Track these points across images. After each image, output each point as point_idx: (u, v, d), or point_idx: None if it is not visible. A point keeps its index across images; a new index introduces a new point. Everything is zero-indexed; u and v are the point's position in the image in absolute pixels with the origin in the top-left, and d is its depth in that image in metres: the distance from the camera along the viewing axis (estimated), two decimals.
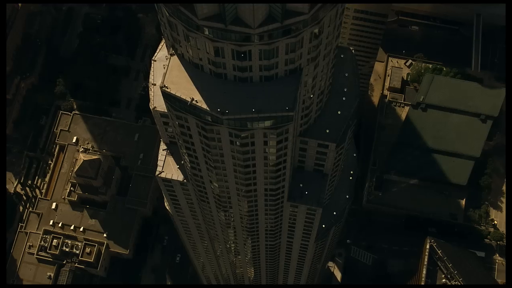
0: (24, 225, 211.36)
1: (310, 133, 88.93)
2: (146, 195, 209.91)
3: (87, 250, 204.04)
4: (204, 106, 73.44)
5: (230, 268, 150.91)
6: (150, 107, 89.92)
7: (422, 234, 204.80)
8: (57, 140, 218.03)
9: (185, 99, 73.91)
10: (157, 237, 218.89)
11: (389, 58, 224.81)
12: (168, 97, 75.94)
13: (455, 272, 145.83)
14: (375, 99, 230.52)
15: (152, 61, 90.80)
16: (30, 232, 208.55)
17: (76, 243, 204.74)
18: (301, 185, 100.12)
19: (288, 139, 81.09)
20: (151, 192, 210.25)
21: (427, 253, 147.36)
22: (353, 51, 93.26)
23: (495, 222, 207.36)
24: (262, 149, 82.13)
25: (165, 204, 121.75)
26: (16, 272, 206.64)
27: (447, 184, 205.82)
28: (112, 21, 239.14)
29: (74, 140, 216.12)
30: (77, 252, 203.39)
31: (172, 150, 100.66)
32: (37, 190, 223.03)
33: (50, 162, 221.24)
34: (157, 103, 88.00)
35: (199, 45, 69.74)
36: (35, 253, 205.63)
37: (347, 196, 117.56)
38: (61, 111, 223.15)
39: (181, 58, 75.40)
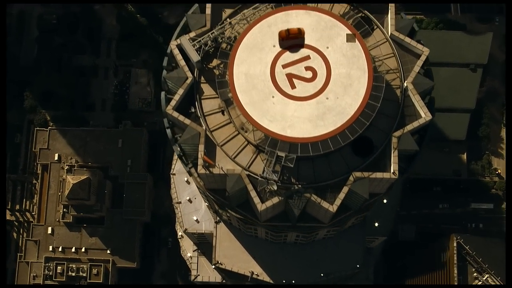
0: (23, 254, 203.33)
1: None
2: (142, 203, 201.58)
3: (94, 271, 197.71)
4: (267, 278, 66.00)
5: None
6: (181, 229, 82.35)
7: (428, 195, 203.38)
8: (39, 161, 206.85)
9: (244, 274, 66.33)
10: (160, 241, 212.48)
11: None
12: (223, 271, 68.15)
13: (486, 265, 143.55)
14: None
15: (171, 175, 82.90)
16: (31, 262, 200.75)
17: (81, 265, 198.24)
18: None
19: None
20: (146, 198, 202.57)
21: (455, 251, 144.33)
22: None
23: (499, 171, 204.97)
24: None
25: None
26: None
27: (446, 141, 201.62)
28: (68, 18, 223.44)
29: (56, 158, 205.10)
30: (84, 274, 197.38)
31: (203, 249, 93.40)
32: (27, 214, 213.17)
33: (35, 182, 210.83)
34: (188, 224, 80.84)
35: (257, 229, 61.60)
36: (41, 283, 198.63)
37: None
38: (36, 128, 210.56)
39: (229, 225, 67.22)
